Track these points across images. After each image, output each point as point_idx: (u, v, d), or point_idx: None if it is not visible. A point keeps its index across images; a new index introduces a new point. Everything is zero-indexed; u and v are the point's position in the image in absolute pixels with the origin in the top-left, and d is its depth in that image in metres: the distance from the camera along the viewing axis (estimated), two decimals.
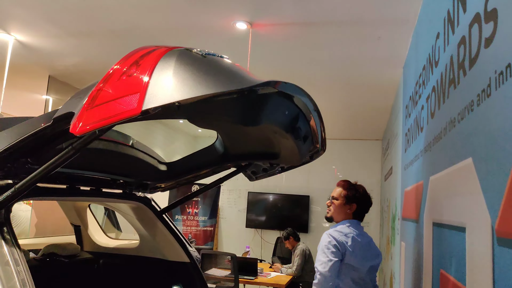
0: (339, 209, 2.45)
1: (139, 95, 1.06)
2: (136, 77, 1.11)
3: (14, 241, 1.23)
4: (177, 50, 1.19)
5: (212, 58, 1.23)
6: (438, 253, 1.68)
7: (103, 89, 1.12)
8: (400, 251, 3.14)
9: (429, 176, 1.90)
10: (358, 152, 7.48)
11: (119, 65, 1.16)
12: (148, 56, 1.17)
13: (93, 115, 1.08)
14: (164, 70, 1.11)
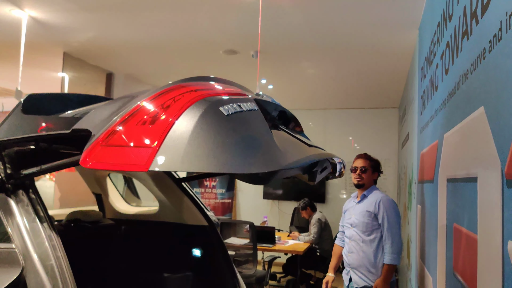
0: (370, 177, 2.92)
1: (151, 151, 1.03)
2: (155, 128, 1.07)
3: (39, 200, 1.29)
4: (205, 102, 1.14)
5: (236, 117, 1.16)
6: (451, 208, 1.70)
7: (122, 128, 1.10)
8: (416, 215, 3.16)
9: (444, 134, 1.89)
10: (375, 121, 7.40)
11: (148, 102, 1.16)
12: (176, 103, 1.12)
13: (104, 155, 1.07)
14: (183, 128, 1.06)
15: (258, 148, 1.12)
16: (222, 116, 1.12)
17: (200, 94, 1.17)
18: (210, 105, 1.13)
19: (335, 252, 3.10)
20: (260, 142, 1.15)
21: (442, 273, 1.88)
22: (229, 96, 1.25)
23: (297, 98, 7.06)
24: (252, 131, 1.17)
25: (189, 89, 1.19)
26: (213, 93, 1.22)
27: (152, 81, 6.10)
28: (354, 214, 2.86)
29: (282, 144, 1.24)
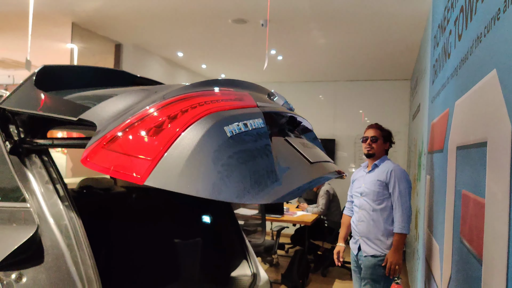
0: (381, 147, 2.91)
1: (149, 164, 1.03)
2: (157, 140, 1.06)
3: (52, 162, 1.31)
4: (211, 119, 1.12)
5: (239, 139, 1.13)
6: (460, 175, 1.69)
7: (126, 134, 1.09)
8: (425, 185, 3.16)
9: (455, 102, 1.87)
10: (386, 93, 7.32)
11: (157, 109, 1.13)
12: (182, 117, 1.10)
13: (104, 158, 1.07)
14: (184, 147, 1.05)
15: (255, 177, 1.10)
16: (224, 138, 1.10)
17: (207, 108, 1.15)
18: (214, 124, 1.11)
19: (344, 222, 3.13)
20: (257, 170, 1.13)
21: (449, 240, 1.89)
22: (236, 112, 1.21)
23: (307, 70, 6.98)
24: (252, 157, 1.15)
25: (198, 102, 1.16)
26: (221, 108, 1.18)
27: (161, 51, 6.07)
28: (364, 183, 2.86)
29: (283, 165, 1.24)
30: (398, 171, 2.76)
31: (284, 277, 4.79)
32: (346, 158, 7.58)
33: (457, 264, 1.68)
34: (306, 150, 1.57)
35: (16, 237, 1.09)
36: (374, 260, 2.70)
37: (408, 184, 2.74)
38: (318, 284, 4.99)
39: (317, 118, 7.80)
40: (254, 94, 1.47)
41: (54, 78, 1.45)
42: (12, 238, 1.09)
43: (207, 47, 5.73)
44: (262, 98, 1.51)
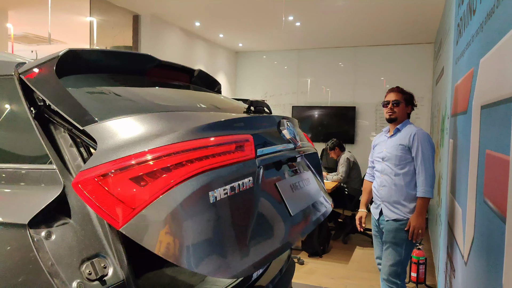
0: (404, 110, 2.83)
1: (130, 213, 1.05)
2: (143, 192, 1.07)
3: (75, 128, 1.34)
4: (196, 182, 1.11)
5: (221, 205, 1.15)
6: (484, 135, 1.66)
7: (118, 174, 1.08)
8: (448, 150, 3.10)
9: (479, 60, 1.81)
10: (408, 58, 7.12)
11: (153, 155, 1.11)
12: (171, 173, 1.10)
13: (93, 191, 1.07)
14: (165, 205, 1.06)
15: (229, 252, 1.13)
16: (206, 205, 1.11)
17: (201, 166, 1.14)
18: (199, 188, 1.12)
19: (366, 187, 3.11)
20: (233, 242, 1.16)
21: (472, 202, 1.87)
22: (230, 169, 1.22)
23: (326, 36, 6.83)
24: (227, 227, 1.16)
25: (195, 156, 1.15)
26: (216, 164, 1.18)
27: (178, 21, 6.03)
28: (385, 148, 2.82)
29: (259, 227, 1.26)
30: (421, 134, 2.71)
31: (305, 244, 4.86)
32: (366, 126, 7.49)
33: (480, 226, 1.67)
34: (295, 194, 1.58)
35: (44, 196, 1.13)
36: (396, 224, 2.69)
37: (431, 147, 2.69)
38: (338, 250, 5.05)
39: (337, 86, 7.68)
40: (260, 129, 1.48)
41: (78, 62, 1.42)
42: (41, 197, 1.13)
43: (224, 15, 5.65)
44: (270, 134, 1.54)
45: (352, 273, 4.26)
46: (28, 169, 1.23)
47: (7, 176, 1.25)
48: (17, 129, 1.34)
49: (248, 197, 1.25)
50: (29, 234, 1.09)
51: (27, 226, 1.09)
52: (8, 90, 1.35)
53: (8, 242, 1.12)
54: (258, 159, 1.36)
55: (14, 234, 1.12)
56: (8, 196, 1.23)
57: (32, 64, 1.37)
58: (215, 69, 7.46)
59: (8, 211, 1.17)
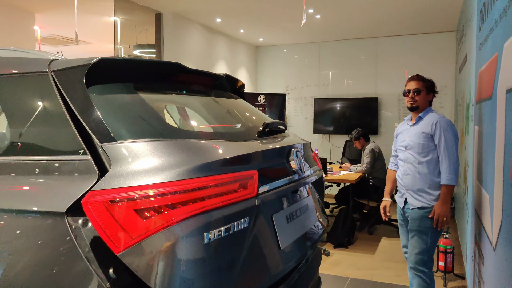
0: (425, 98, 2.81)
1: (130, 241, 1.12)
2: (146, 224, 1.12)
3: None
4: (192, 224, 1.16)
5: (214, 246, 1.21)
6: (510, 118, 1.66)
7: (124, 203, 1.14)
8: (473, 137, 3.08)
9: (503, 44, 1.80)
10: (430, 47, 7.01)
11: (157, 190, 1.15)
12: (169, 213, 1.15)
13: (100, 213, 1.13)
14: (161, 240, 1.13)
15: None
16: (199, 245, 1.17)
17: (202, 206, 1.19)
18: (196, 229, 1.17)
19: (389, 176, 3.12)
20: (221, 280, 1.22)
21: (499, 187, 1.87)
22: (228, 211, 1.26)
23: (346, 27, 6.79)
24: (220, 265, 1.23)
25: (198, 196, 1.20)
26: (216, 205, 1.23)
27: (199, 18, 6.10)
28: (408, 136, 2.82)
29: (247, 265, 1.32)
30: (444, 122, 2.69)
31: (330, 235, 4.88)
32: (390, 117, 7.42)
33: (508, 209, 1.67)
34: (289, 225, 1.61)
35: (80, 185, 1.19)
36: (421, 212, 2.70)
37: (454, 134, 2.67)
38: (364, 241, 5.05)
39: (359, 77, 7.63)
40: (267, 163, 1.53)
41: (108, 71, 1.43)
42: (77, 187, 1.19)
43: (245, 11, 5.70)
44: (277, 166, 1.60)
45: (378, 264, 4.27)
46: (63, 160, 1.27)
47: (43, 168, 1.29)
48: (52, 123, 1.37)
49: (241, 237, 1.30)
50: (67, 222, 1.15)
51: (65, 214, 1.16)
52: (42, 86, 1.39)
53: (47, 230, 1.18)
54: (259, 197, 1.41)
55: (52, 222, 1.18)
56: (45, 186, 1.27)
57: (64, 65, 1.41)
58: (236, 64, 7.52)
59: (46, 200, 1.22)
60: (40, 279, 1.16)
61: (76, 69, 1.36)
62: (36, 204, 1.23)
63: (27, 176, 1.30)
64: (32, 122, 1.39)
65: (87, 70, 1.34)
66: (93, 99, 1.32)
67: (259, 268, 1.42)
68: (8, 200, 1.28)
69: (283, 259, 1.55)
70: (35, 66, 1.45)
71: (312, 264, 2.06)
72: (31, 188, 1.29)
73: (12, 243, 1.21)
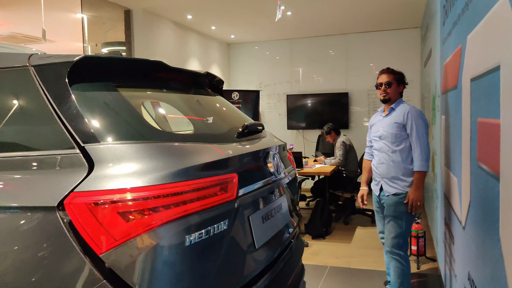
0: (396, 90, 2.97)
1: (112, 243, 1.13)
2: (130, 226, 1.14)
3: None
4: (175, 227, 1.19)
5: (196, 248, 1.24)
6: (475, 105, 1.78)
7: (108, 205, 1.14)
8: (440, 126, 3.24)
9: (467, 36, 1.93)
10: (396, 43, 7.26)
11: (140, 193, 1.16)
12: (162, 212, 1.17)
13: (82, 215, 1.14)
14: (145, 242, 1.15)
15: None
16: (181, 247, 1.20)
17: (184, 210, 1.22)
18: (178, 232, 1.20)
19: (365, 166, 3.25)
20: (201, 280, 1.27)
21: (467, 169, 2.00)
22: (208, 214, 1.30)
23: (317, 24, 6.93)
24: (201, 265, 1.27)
25: (180, 200, 1.22)
26: (197, 208, 1.26)
27: (170, 15, 6.08)
28: (382, 127, 2.95)
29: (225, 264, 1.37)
30: (415, 112, 2.84)
31: (308, 227, 5.00)
32: (359, 112, 7.63)
33: (476, 189, 1.80)
34: (265, 224, 1.67)
35: (70, 179, 1.19)
36: (396, 198, 2.83)
37: (425, 123, 2.82)
38: (341, 231, 5.21)
39: (330, 73, 7.80)
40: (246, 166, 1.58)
41: (90, 69, 1.41)
42: (67, 180, 1.19)
43: (216, 7, 5.73)
44: (255, 169, 1.66)
45: (355, 252, 4.42)
46: (50, 155, 1.25)
47: (30, 163, 1.26)
48: (36, 118, 1.34)
49: (220, 238, 1.34)
50: (59, 216, 1.15)
51: (56, 208, 1.15)
52: (22, 81, 1.36)
53: (40, 224, 1.17)
54: (238, 199, 1.44)
55: (44, 216, 1.17)
56: (32, 182, 1.24)
57: (45, 60, 1.37)
58: (208, 61, 7.54)
59: (35, 195, 1.20)
60: (36, 269, 1.17)
61: (57, 65, 1.34)
62: (24, 200, 1.22)
63: (12, 172, 1.28)
64: (13, 118, 1.36)
65: (70, 67, 1.32)
66: (76, 97, 1.30)
67: (236, 267, 1.47)
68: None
69: (258, 257, 1.60)
70: (14, 60, 1.41)
71: (296, 253, 2.14)
72: (15, 185, 1.27)
73: (10, 237, 1.21)
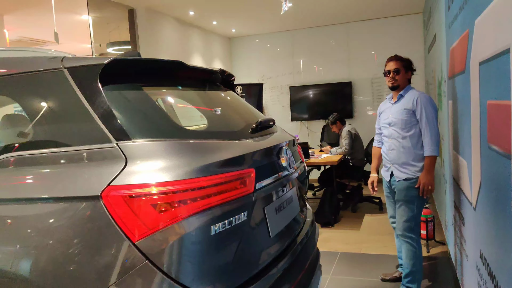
0: (404, 77, 3.00)
1: (146, 232, 1.23)
2: (162, 217, 1.24)
3: None
4: (200, 218, 1.29)
5: (220, 237, 1.34)
6: (484, 88, 1.83)
7: (142, 197, 1.24)
8: (448, 111, 3.29)
9: (474, 21, 1.97)
10: (399, 30, 7.27)
11: (169, 188, 1.26)
12: (191, 204, 1.28)
13: (119, 207, 1.24)
14: (176, 231, 1.25)
15: (218, 273, 1.36)
16: (207, 235, 1.31)
17: (209, 203, 1.32)
18: (205, 222, 1.31)
19: (375, 153, 3.30)
20: (222, 266, 1.37)
21: (476, 151, 2.06)
22: (230, 206, 1.40)
23: (318, 14, 6.95)
24: (223, 253, 1.38)
25: (206, 193, 1.32)
26: (220, 201, 1.36)
27: (173, 12, 6.12)
28: (391, 114, 2.99)
29: (242, 252, 1.47)
30: (424, 97, 2.88)
31: (316, 215, 5.07)
32: (363, 101, 7.66)
33: (487, 170, 1.85)
34: (278, 215, 1.77)
35: (111, 170, 1.29)
36: (407, 183, 2.89)
37: (434, 108, 2.86)
38: (349, 219, 5.27)
39: (332, 63, 7.83)
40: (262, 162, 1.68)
41: (119, 71, 1.50)
42: (107, 172, 1.29)
43: (217, 2, 5.76)
44: (270, 164, 1.75)
45: (365, 238, 4.49)
46: (92, 149, 1.35)
47: (75, 157, 1.36)
48: (72, 116, 1.45)
49: (240, 228, 1.45)
50: (102, 204, 1.26)
51: (100, 196, 1.25)
52: (58, 82, 1.46)
53: (85, 212, 1.27)
54: (256, 192, 1.54)
55: (89, 205, 1.27)
56: (76, 174, 1.34)
57: (77, 62, 1.47)
58: (211, 56, 7.58)
59: (79, 186, 1.30)
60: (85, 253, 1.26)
61: (90, 67, 1.44)
62: (70, 190, 1.31)
63: (55, 166, 1.38)
64: (51, 116, 1.47)
65: (102, 69, 1.41)
66: (107, 97, 1.40)
67: (254, 253, 1.57)
68: (43, 189, 1.36)
69: (273, 244, 1.71)
70: (49, 63, 1.51)
71: (311, 239, 2.24)
72: (59, 177, 1.36)
73: (58, 225, 1.30)
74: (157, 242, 1.24)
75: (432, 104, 2.87)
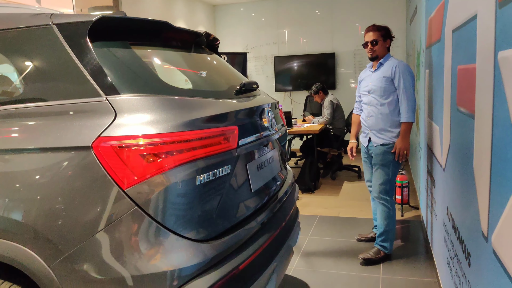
0: (383, 46, 3.07)
1: (135, 180, 1.31)
2: (150, 166, 1.32)
3: None
4: (187, 168, 1.38)
5: (205, 187, 1.44)
6: (456, 54, 1.95)
7: (132, 147, 1.32)
8: (424, 80, 3.41)
9: None
10: (381, 2, 7.33)
11: (159, 139, 1.34)
12: (175, 156, 1.36)
13: (109, 156, 1.31)
14: (163, 180, 1.33)
15: (203, 221, 1.46)
16: (193, 185, 1.40)
17: (195, 155, 1.41)
18: (191, 171, 1.40)
19: (354, 120, 3.42)
20: (207, 214, 1.48)
21: (447, 114, 2.19)
22: (215, 159, 1.50)
23: None
24: (207, 202, 1.48)
25: (192, 146, 1.41)
26: (206, 153, 1.45)
27: None
28: (371, 81, 3.10)
29: (225, 204, 1.58)
30: (402, 66, 2.98)
31: (297, 181, 5.23)
32: (346, 73, 7.77)
33: (455, 131, 1.99)
34: (259, 172, 1.88)
35: (100, 122, 1.36)
36: (384, 148, 3.03)
37: (411, 77, 2.97)
38: (329, 186, 5.46)
39: (316, 34, 7.86)
40: (245, 120, 1.76)
41: (106, 28, 1.53)
42: (97, 124, 1.36)
43: None
44: (252, 123, 1.84)
45: (343, 203, 4.68)
46: (82, 103, 1.41)
47: (66, 111, 1.42)
48: (63, 71, 1.48)
49: (224, 180, 1.55)
50: (93, 154, 1.33)
51: (91, 147, 1.33)
52: (47, 38, 1.49)
53: (77, 161, 1.35)
54: (238, 148, 1.64)
55: (80, 154, 1.34)
56: (68, 126, 1.39)
57: (65, 19, 1.50)
58: (194, 24, 7.51)
59: (71, 137, 1.37)
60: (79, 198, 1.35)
61: (78, 24, 1.47)
62: (63, 141, 1.38)
63: (45, 119, 1.44)
64: (41, 72, 1.51)
65: (90, 25, 1.45)
66: (96, 53, 1.45)
67: (235, 205, 1.68)
68: (38, 140, 1.42)
69: (254, 198, 1.83)
70: (37, 19, 1.54)
71: (291, 197, 2.38)
72: (51, 128, 1.42)
73: (52, 172, 1.37)
74: (146, 189, 1.33)
75: (410, 72, 2.98)
